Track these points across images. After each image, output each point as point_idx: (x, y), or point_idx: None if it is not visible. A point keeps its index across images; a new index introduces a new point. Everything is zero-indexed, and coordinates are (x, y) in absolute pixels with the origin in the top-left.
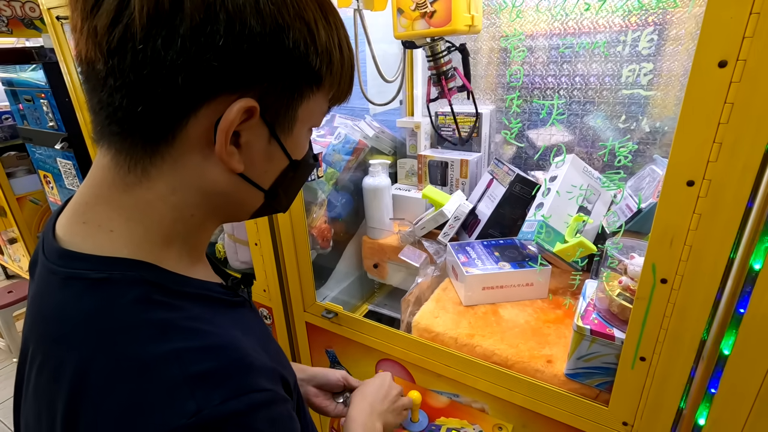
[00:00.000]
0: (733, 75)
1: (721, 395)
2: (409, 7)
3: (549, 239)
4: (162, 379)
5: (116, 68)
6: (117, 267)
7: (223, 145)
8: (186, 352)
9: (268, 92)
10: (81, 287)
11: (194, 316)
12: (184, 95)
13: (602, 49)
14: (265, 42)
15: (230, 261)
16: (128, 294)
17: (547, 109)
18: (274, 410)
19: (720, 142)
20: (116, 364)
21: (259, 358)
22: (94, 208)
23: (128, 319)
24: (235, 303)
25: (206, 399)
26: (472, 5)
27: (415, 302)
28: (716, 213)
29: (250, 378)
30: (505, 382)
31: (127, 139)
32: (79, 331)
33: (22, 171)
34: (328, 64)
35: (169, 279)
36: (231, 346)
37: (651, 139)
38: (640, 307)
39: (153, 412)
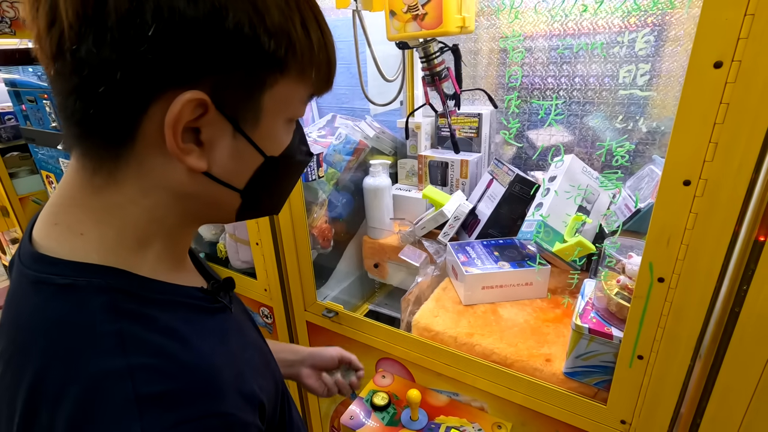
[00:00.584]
0: (728, 76)
1: (718, 393)
2: (401, 9)
3: (548, 239)
4: (111, 396)
5: (60, 72)
6: (84, 273)
7: (174, 142)
8: (142, 369)
9: (220, 83)
10: (48, 293)
11: (161, 328)
12: (129, 94)
13: (600, 49)
14: (202, 27)
15: (231, 260)
16: (93, 302)
17: (546, 109)
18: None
19: (716, 142)
20: (71, 375)
21: (225, 378)
22: (66, 210)
23: (89, 330)
24: (215, 309)
25: (154, 422)
26: (463, 6)
27: (415, 301)
28: (713, 212)
29: (208, 402)
30: (505, 381)
31: (88, 141)
32: (41, 338)
33: (25, 171)
34: (287, 46)
35: (141, 286)
36: (193, 365)
37: (650, 139)
38: (638, 305)
39: (97, 429)
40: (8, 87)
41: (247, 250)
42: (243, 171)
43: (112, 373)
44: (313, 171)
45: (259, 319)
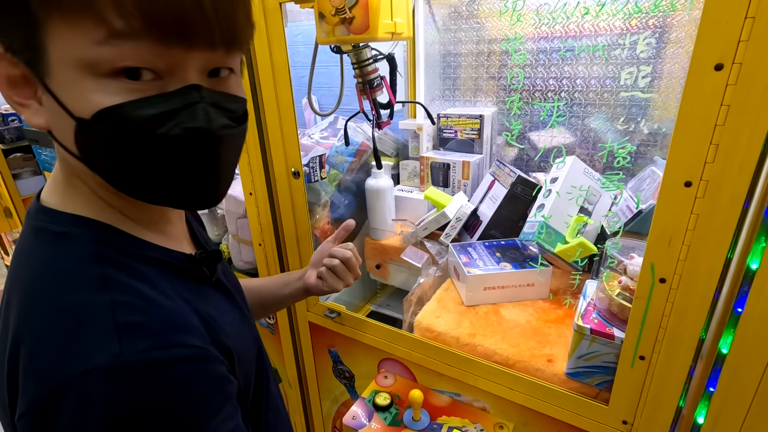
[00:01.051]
0: (729, 78)
1: (720, 394)
2: (329, 12)
3: (550, 240)
4: (94, 323)
5: None
6: (77, 224)
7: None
8: (121, 304)
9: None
10: (45, 239)
11: (141, 277)
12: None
13: (601, 52)
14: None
15: (234, 261)
16: (82, 249)
17: (548, 111)
18: (201, 366)
19: (717, 144)
20: (59, 307)
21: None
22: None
23: (75, 271)
24: (194, 273)
25: (131, 345)
26: (394, 11)
27: (417, 302)
28: (714, 213)
29: (180, 335)
30: (506, 381)
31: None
32: (36, 277)
33: (28, 172)
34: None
35: (127, 240)
36: (167, 305)
37: (652, 140)
38: (639, 306)
39: (81, 351)
40: None
41: (249, 251)
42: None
43: (96, 306)
44: (316, 172)
45: (261, 320)
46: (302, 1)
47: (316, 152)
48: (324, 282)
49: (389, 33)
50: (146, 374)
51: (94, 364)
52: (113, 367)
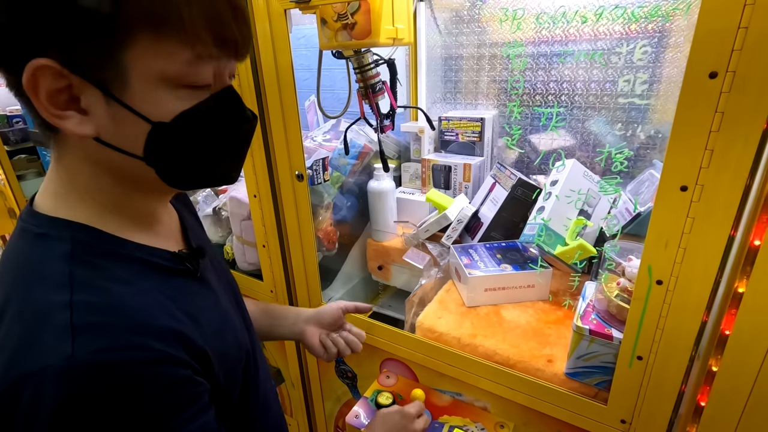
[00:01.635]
0: (723, 85)
1: (716, 393)
2: (331, 18)
3: (550, 242)
4: (51, 323)
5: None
6: (56, 226)
7: (45, 109)
8: (81, 304)
9: (67, 48)
10: (27, 239)
11: (113, 277)
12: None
13: (599, 58)
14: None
15: (238, 262)
16: (57, 249)
17: (547, 115)
18: (159, 369)
19: (711, 149)
20: (23, 305)
21: (162, 321)
22: (48, 177)
23: (46, 270)
24: (177, 271)
25: (83, 346)
26: (396, 17)
27: (419, 303)
28: (709, 217)
29: (138, 337)
30: (507, 381)
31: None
32: (11, 274)
33: (33, 173)
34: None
35: (103, 240)
36: (132, 306)
37: (651, 143)
38: (637, 307)
39: (35, 350)
40: None
41: (253, 252)
42: (131, 136)
43: (55, 305)
44: (319, 175)
45: None
46: (305, 8)
47: (319, 155)
48: (326, 353)
49: (391, 38)
50: (96, 376)
51: (46, 364)
52: (64, 368)
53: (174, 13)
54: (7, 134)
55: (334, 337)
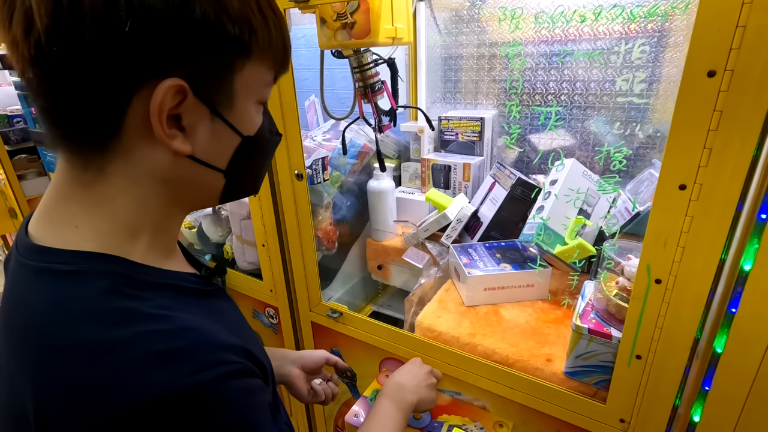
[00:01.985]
0: (721, 84)
1: (715, 392)
2: (330, 17)
3: (549, 241)
4: (132, 357)
5: (41, 74)
6: (84, 260)
7: (160, 128)
8: (152, 333)
9: (195, 69)
10: (51, 279)
11: (160, 305)
12: (112, 89)
13: (597, 58)
14: (172, 18)
15: (238, 262)
16: (95, 285)
17: (546, 114)
18: (243, 381)
19: (710, 148)
20: (83, 348)
21: (226, 338)
22: (59, 206)
23: (93, 308)
24: (207, 292)
25: (176, 373)
26: (395, 17)
27: (419, 302)
28: (707, 215)
29: (216, 354)
30: (506, 381)
31: (74, 140)
32: (47, 321)
33: (33, 173)
34: (249, 31)
35: (136, 270)
36: (196, 328)
37: (650, 143)
38: (636, 306)
39: (125, 388)
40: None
41: (253, 252)
42: (223, 152)
43: (126, 339)
44: (319, 174)
45: (264, 319)
46: (305, 7)
47: (318, 154)
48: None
49: (390, 38)
50: (196, 398)
51: (144, 399)
52: (164, 399)
53: (276, 42)
54: (7, 134)
55: (325, 386)
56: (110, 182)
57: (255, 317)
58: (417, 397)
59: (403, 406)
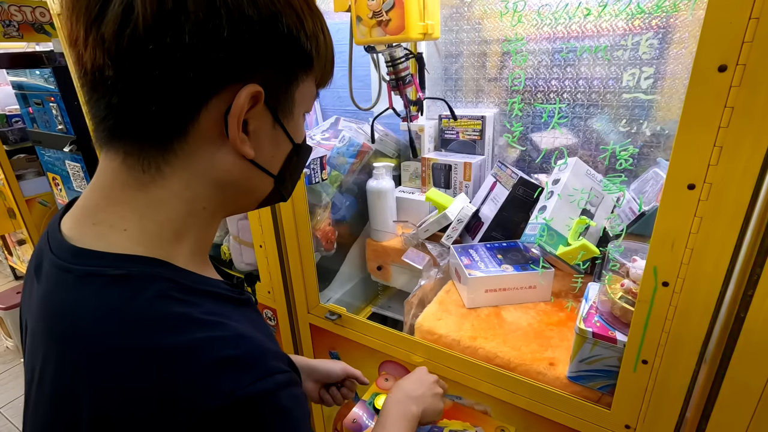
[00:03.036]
0: (732, 79)
1: (724, 399)
2: (366, 14)
3: (552, 242)
4: (193, 364)
5: (127, 71)
6: (134, 264)
7: (236, 132)
8: (212, 340)
9: (269, 78)
10: (100, 284)
11: (211, 311)
12: (196, 89)
13: (603, 53)
14: (263, 29)
15: (235, 263)
16: (148, 290)
17: (549, 112)
18: (294, 390)
19: (720, 146)
20: (142, 355)
21: (273, 346)
22: (105, 209)
23: (150, 313)
24: (241, 301)
25: (237, 381)
26: (426, 14)
27: (418, 304)
28: (717, 216)
29: (272, 361)
30: (508, 385)
31: (140, 140)
32: (99, 325)
33: (32, 173)
34: (316, 47)
35: (182, 276)
36: (249, 335)
37: (655, 141)
38: (642, 310)
39: (187, 395)
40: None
41: (250, 252)
42: (278, 157)
43: (187, 346)
44: (317, 174)
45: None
46: (339, 8)
47: (317, 153)
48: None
49: (422, 33)
50: (256, 407)
51: (206, 408)
52: (226, 408)
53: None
54: (6, 134)
55: (335, 393)
56: (166, 185)
57: None
58: (422, 407)
59: (409, 418)
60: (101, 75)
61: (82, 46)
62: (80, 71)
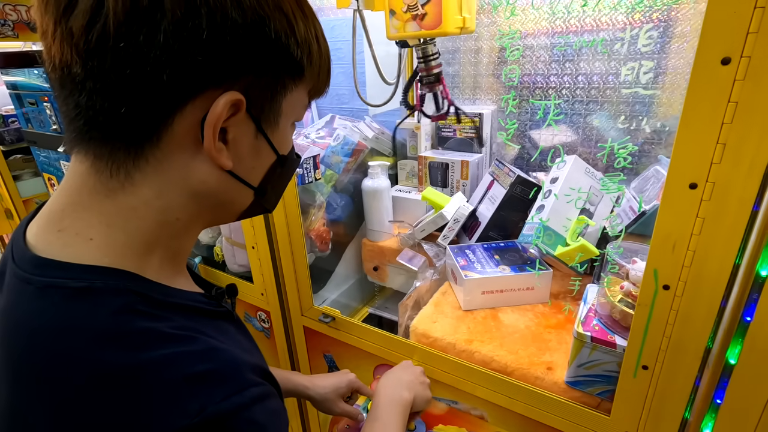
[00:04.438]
0: (737, 72)
1: (728, 406)
2: (401, 8)
3: (550, 242)
4: (159, 382)
5: (96, 69)
6: (98, 276)
7: (212, 141)
8: (180, 355)
9: (252, 85)
10: (60, 297)
11: (181, 326)
12: (170, 92)
13: (600, 46)
14: (248, 33)
15: (228, 264)
16: (111, 304)
17: (544, 109)
18: (270, 403)
19: (724, 143)
20: (105, 374)
21: (248, 358)
22: (71, 216)
23: (112, 329)
24: (218, 314)
25: (208, 397)
26: (464, 7)
27: (414, 306)
28: (720, 217)
29: (246, 375)
30: (505, 390)
31: (109, 143)
32: (59, 342)
33: (28, 174)
34: (308, 56)
35: (152, 289)
36: (221, 348)
37: (656, 139)
38: (642, 313)
39: (154, 415)
40: (10, 89)
41: (243, 254)
42: (259, 169)
43: (154, 363)
44: (310, 173)
45: (256, 323)
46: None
47: (310, 152)
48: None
49: (459, 27)
50: (231, 423)
51: (175, 427)
52: (197, 426)
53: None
54: (2, 134)
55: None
56: (136, 192)
57: (247, 321)
58: (413, 394)
59: (402, 404)
60: (69, 72)
61: (51, 39)
62: (49, 65)
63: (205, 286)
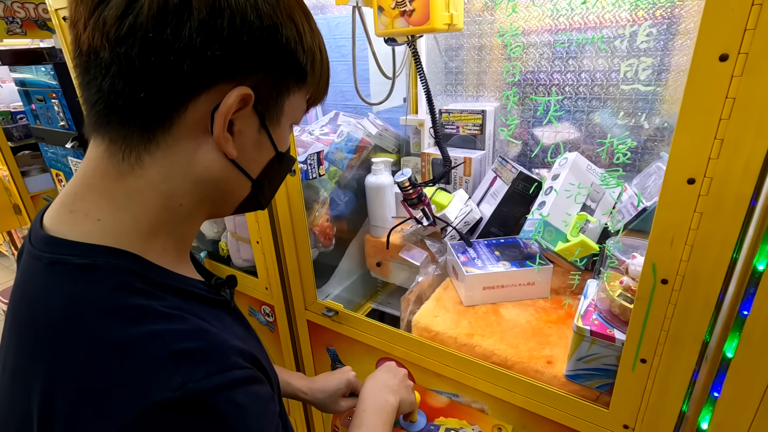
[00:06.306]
0: (734, 69)
1: (725, 399)
2: (389, 5)
3: (551, 238)
4: (146, 355)
5: (122, 55)
6: (101, 254)
7: (221, 130)
8: (167, 332)
9: (261, 83)
10: (65, 272)
11: (174, 306)
12: (188, 81)
13: (599, 43)
14: (262, 36)
15: (233, 259)
16: (109, 280)
17: (544, 105)
18: (254, 387)
19: (721, 139)
20: (96, 344)
21: (237, 343)
22: (83, 197)
23: (108, 304)
24: (216, 302)
25: (190, 374)
26: (451, 4)
27: (416, 301)
28: (718, 212)
29: (231, 357)
30: (505, 383)
31: (125, 126)
32: (59, 314)
33: (36, 170)
34: (311, 63)
35: (152, 270)
36: (210, 330)
37: (658, 135)
38: (641, 308)
39: (137, 386)
40: (18, 86)
41: (248, 249)
42: (259, 162)
43: (141, 338)
44: (314, 169)
45: (260, 317)
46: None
47: (314, 149)
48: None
49: (446, 24)
50: (210, 401)
51: (158, 398)
52: (177, 400)
53: (323, 79)
54: (10, 130)
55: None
56: (144, 175)
57: (251, 315)
58: (398, 399)
59: (388, 409)
60: (96, 56)
61: (82, 27)
62: (75, 51)
63: (207, 277)
